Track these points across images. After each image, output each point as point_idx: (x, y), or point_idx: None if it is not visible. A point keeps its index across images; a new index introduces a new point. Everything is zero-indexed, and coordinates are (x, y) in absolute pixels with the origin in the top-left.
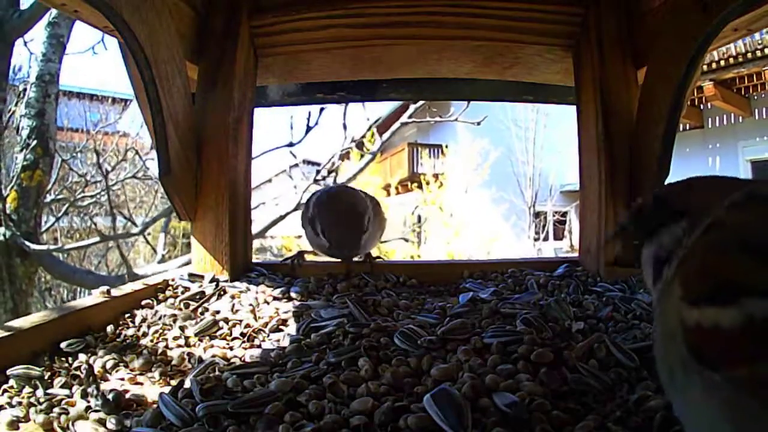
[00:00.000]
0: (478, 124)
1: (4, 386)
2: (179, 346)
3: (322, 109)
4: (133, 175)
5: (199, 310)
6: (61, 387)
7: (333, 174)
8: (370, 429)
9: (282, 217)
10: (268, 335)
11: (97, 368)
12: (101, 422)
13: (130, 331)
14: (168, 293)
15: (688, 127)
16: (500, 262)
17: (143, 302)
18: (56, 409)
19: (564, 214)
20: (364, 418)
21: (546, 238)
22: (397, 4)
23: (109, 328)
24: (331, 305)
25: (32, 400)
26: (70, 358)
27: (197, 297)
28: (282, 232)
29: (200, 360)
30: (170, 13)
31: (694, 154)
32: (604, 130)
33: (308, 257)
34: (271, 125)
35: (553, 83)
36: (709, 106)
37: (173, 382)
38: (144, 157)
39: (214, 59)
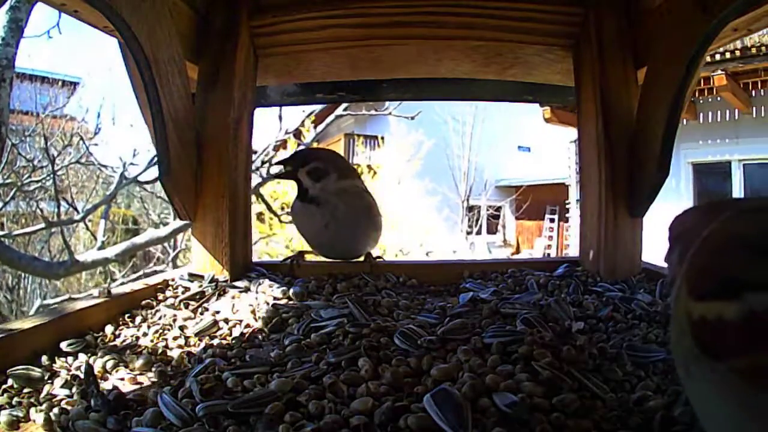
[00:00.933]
0: (412, 118)
1: (4, 386)
2: (179, 346)
3: None
4: (77, 160)
5: (199, 310)
6: (61, 387)
7: (267, 164)
8: (370, 429)
9: None
10: (268, 335)
11: (97, 368)
12: (101, 422)
13: (130, 331)
14: (168, 293)
15: None
16: (500, 262)
17: (143, 302)
18: (56, 409)
19: (498, 209)
20: (364, 418)
21: (479, 232)
22: (397, 4)
23: (109, 328)
24: (331, 305)
25: (32, 400)
26: (70, 358)
27: (197, 297)
28: None
29: (200, 360)
30: (170, 13)
31: None
32: (604, 130)
33: (308, 257)
34: None
35: (553, 83)
36: None
37: (173, 382)
38: (88, 142)
39: (214, 59)
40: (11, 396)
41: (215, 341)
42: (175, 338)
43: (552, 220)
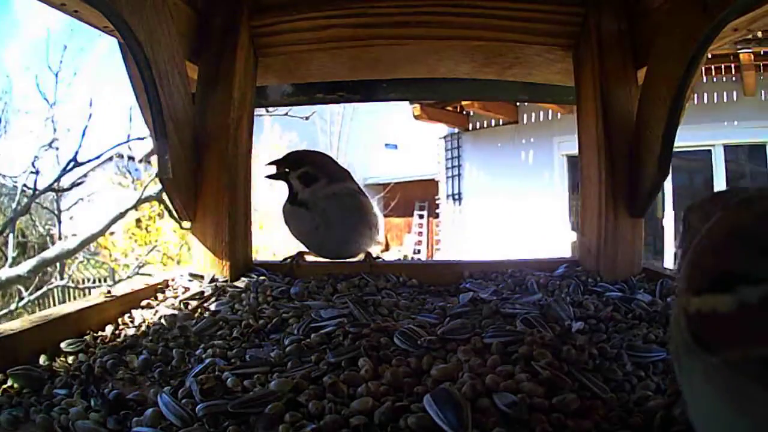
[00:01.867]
0: (306, 119)
1: (4, 386)
2: (179, 346)
3: None
4: None
5: (199, 310)
6: (61, 387)
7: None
8: (370, 429)
9: (122, 215)
10: (268, 335)
11: (97, 368)
12: (101, 422)
13: (130, 331)
14: (168, 293)
15: (501, 123)
16: (500, 263)
17: (143, 302)
18: (56, 409)
19: None
20: (364, 418)
21: None
22: (397, 4)
23: (109, 328)
24: (331, 305)
25: (32, 400)
26: (70, 358)
27: (197, 297)
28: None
29: (200, 360)
30: (170, 13)
31: (506, 148)
32: (604, 130)
33: (308, 257)
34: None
35: (553, 83)
36: (526, 103)
37: (173, 382)
38: None
39: (214, 59)
40: (11, 396)
41: (215, 341)
42: (175, 338)
43: (421, 216)
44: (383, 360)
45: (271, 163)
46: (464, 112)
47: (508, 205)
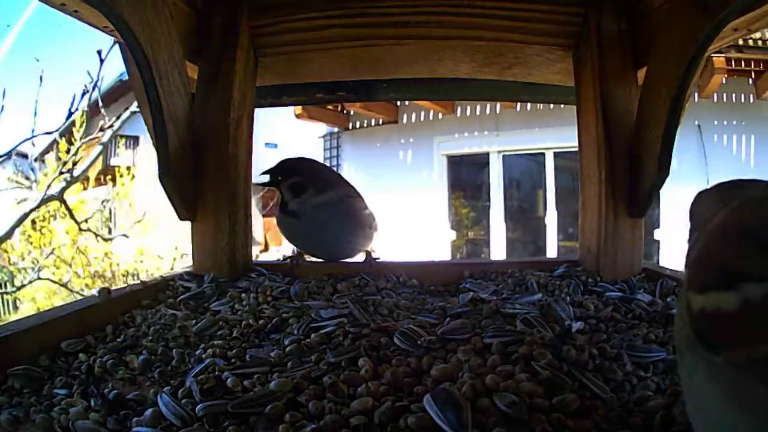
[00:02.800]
0: None
1: (4, 386)
2: (179, 346)
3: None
4: None
5: (199, 310)
6: (61, 387)
7: (73, 167)
8: (370, 429)
9: (26, 216)
10: (268, 335)
11: (97, 368)
12: (101, 422)
13: (130, 331)
14: (168, 293)
15: (381, 122)
16: (500, 262)
17: (143, 302)
18: (56, 409)
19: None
20: (364, 418)
21: None
22: (397, 4)
23: (109, 328)
24: (331, 305)
25: (32, 400)
26: (70, 358)
27: (197, 297)
28: None
29: (200, 360)
30: (170, 13)
31: (386, 147)
32: (604, 130)
33: (308, 258)
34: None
35: (553, 83)
36: (407, 103)
37: (173, 382)
38: None
39: (214, 59)
40: (11, 396)
41: (215, 341)
42: (175, 338)
43: None
44: (383, 360)
45: (264, 173)
46: (345, 112)
47: (387, 204)
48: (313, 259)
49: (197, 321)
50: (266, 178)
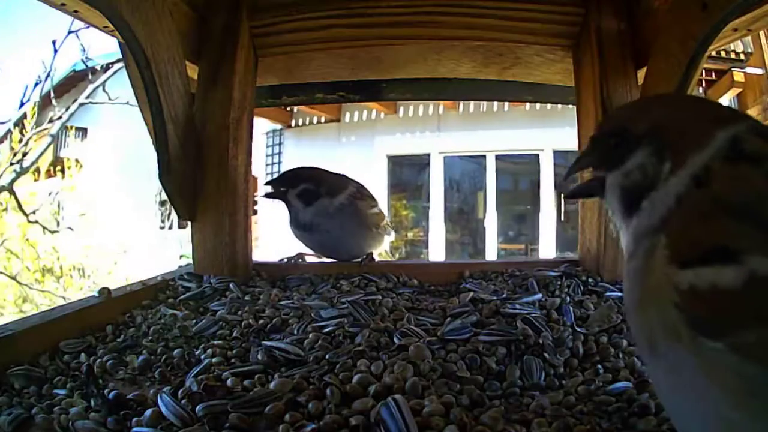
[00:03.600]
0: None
1: (4, 386)
2: (179, 346)
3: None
4: None
5: (199, 309)
6: (61, 387)
7: (23, 158)
8: (370, 429)
9: None
10: (268, 335)
11: (96, 368)
12: (101, 422)
13: (130, 331)
14: (168, 293)
15: (324, 120)
16: (500, 262)
17: (143, 302)
18: (56, 409)
19: None
20: (364, 418)
21: (171, 227)
22: (397, 4)
23: (109, 328)
24: (331, 305)
25: (32, 400)
26: (70, 358)
27: (197, 297)
28: None
29: (200, 360)
30: (170, 13)
31: (328, 145)
32: None
33: (308, 258)
34: None
35: (553, 83)
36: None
37: (173, 382)
38: None
39: (214, 59)
40: (11, 396)
41: (215, 341)
42: (175, 338)
43: None
44: (383, 360)
45: (267, 183)
46: (288, 109)
47: None
48: (314, 260)
49: (197, 321)
50: (269, 189)
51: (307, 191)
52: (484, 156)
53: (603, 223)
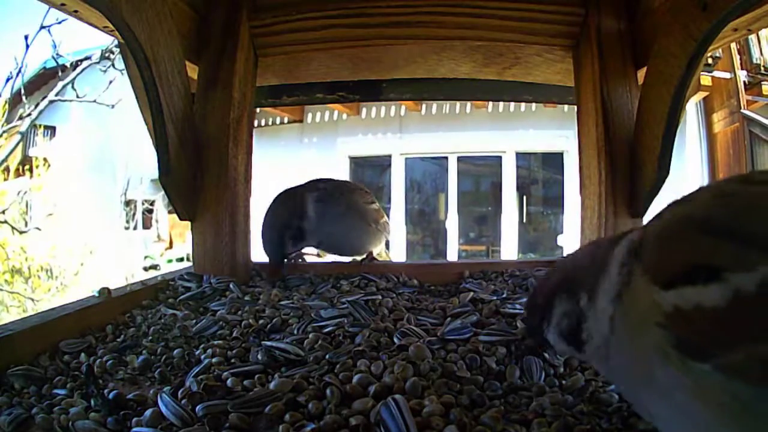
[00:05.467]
0: (112, 106)
1: (4, 386)
2: (179, 346)
3: None
4: None
5: (199, 309)
6: (61, 387)
7: None
8: (370, 429)
9: None
10: (268, 335)
11: (96, 368)
12: (101, 422)
13: (130, 331)
14: (168, 293)
15: (286, 120)
16: (500, 262)
17: (143, 302)
18: (56, 409)
19: (153, 203)
20: (364, 418)
21: (135, 227)
22: (397, 4)
23: (109, 328)
24: (331, 305)
25: (32, 400)
26: (70, 358)
27: (197, 297)
28: None
29: (200, 360)
30: (170, 13)
31: (290, 146)
32: (604, 130)
33: (308, 258)
34: None
35: (553, 83)
36: None
37: (174, 382)
38: None
39: (214, 59)
40: (11, 396)
41: (215, 341)
42: (175, 338)
43: None
44: (383, 360)
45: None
46: None
47: None
48: (314, 260)
49: (197, 321)
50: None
51: (294, 235)
52: (446, 157)
53: (602, 223)
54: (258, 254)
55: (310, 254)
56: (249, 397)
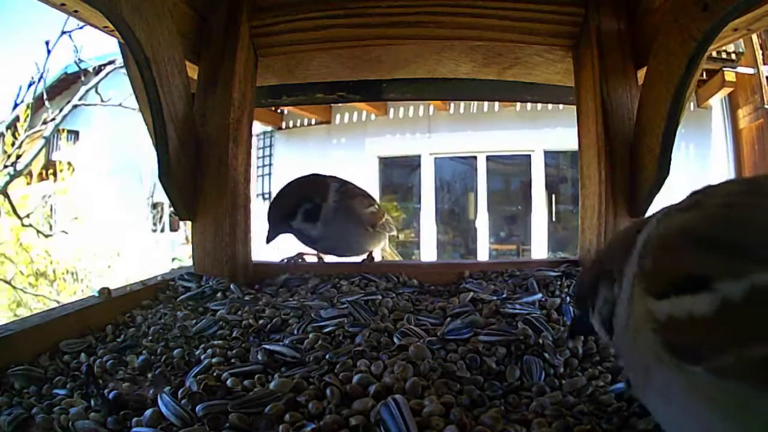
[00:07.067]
0: (139, 110)
1: (4, 386)
2: (179, 346)
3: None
4: None
5: (199, 309)
6: (61, 387)
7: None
8: (370, 429)
9: None
10: (268, 335)
11: (96, 368)
12: (101, 422)
13: (130, 331)
14: (168, 293)
15: (314, 122)
16: (500, 263)
17: (143, 302)
18: (56, 409)
19: None
20: (364, 418)
21: (163, 230)
22: (397, 4)
23: (109, 328)
24: (331, 305)
25: (32, 400)
26: (69, 358)
27: (197, 297)
28: None
29: (200, 360)
30: (170, 13)
31: (318, 147)
32: (604, 130)
33: (308, 258)
34: None
35: (553, 83)
36: (339, 105)
37: (173, 382)
38: None
39: (214, 59)
40: (11, 396)
41: (215, 341)
42: (175, 338)
43: None
44: (383, 360)
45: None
46: (279, 111)
47: None
48: (313, 260)
49: (197, 321)
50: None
51: (309, 210)
52: (475, 157)
53: (603, 223)
54: (258, 254)
55: (310, 254)
56: (249, 397)
